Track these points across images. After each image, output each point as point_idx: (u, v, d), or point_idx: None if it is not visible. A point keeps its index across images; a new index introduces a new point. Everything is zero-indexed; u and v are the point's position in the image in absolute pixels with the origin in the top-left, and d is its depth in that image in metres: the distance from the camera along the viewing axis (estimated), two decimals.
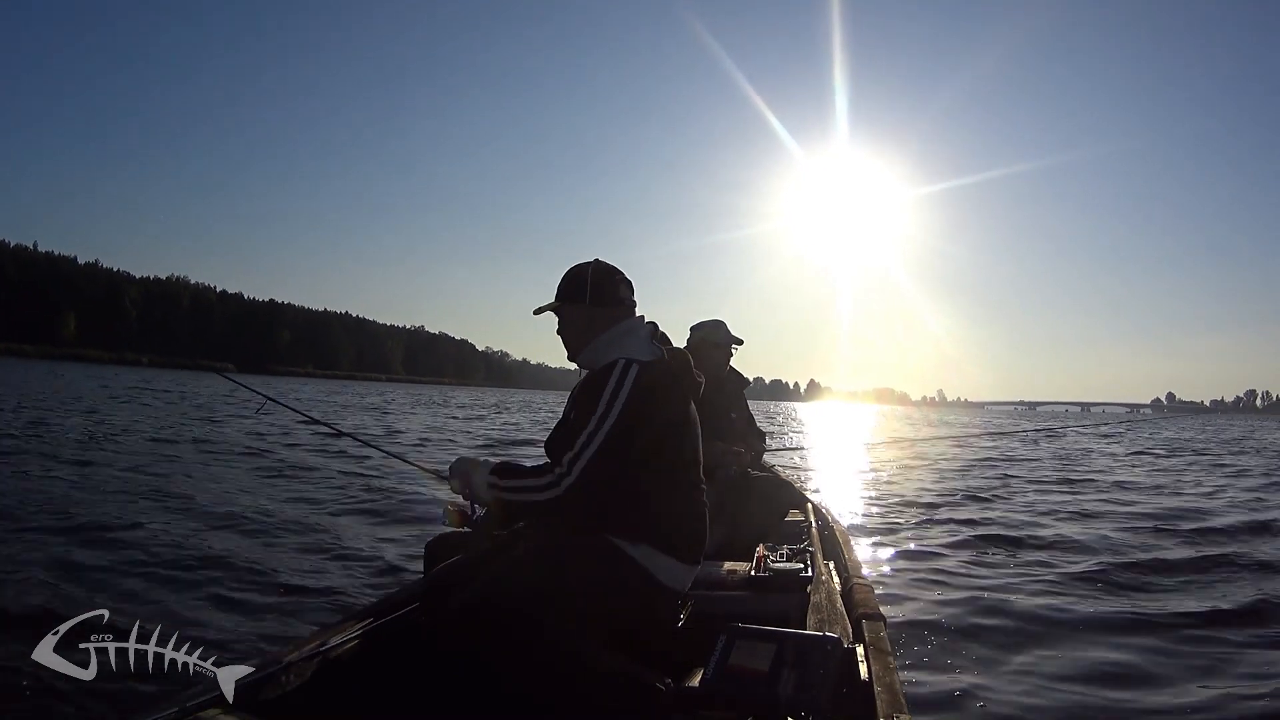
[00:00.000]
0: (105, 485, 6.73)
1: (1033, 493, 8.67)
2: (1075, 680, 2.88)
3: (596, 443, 1.75)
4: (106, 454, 9.08)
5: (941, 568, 4.63)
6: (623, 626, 1.80)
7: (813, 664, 1.57)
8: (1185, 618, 3.61)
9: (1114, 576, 4.47)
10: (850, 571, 2.48)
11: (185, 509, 5.79)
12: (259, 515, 5.71)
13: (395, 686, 1.87)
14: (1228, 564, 4.82)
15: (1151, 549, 5.31)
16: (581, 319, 2.00)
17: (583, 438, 1.76)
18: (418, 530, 5.19)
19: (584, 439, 1.76)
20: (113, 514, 5.37)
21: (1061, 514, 7.00)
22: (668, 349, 1.97)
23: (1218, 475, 11.68)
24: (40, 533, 4.62)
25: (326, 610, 3.44)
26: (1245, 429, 42.01)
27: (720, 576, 2.43)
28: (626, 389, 1.78)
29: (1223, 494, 9.06)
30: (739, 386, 3.74)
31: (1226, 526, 6.33)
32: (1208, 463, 14.21)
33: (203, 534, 4.96)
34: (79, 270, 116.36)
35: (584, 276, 2.01)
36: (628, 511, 1.80)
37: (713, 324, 3.47)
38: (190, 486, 6.99)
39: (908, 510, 7.12)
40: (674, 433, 1.89)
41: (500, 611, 1.65)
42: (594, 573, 1.76)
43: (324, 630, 1.88)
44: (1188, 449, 18.97)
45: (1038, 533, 5.92)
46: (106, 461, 8.35)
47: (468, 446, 12.79)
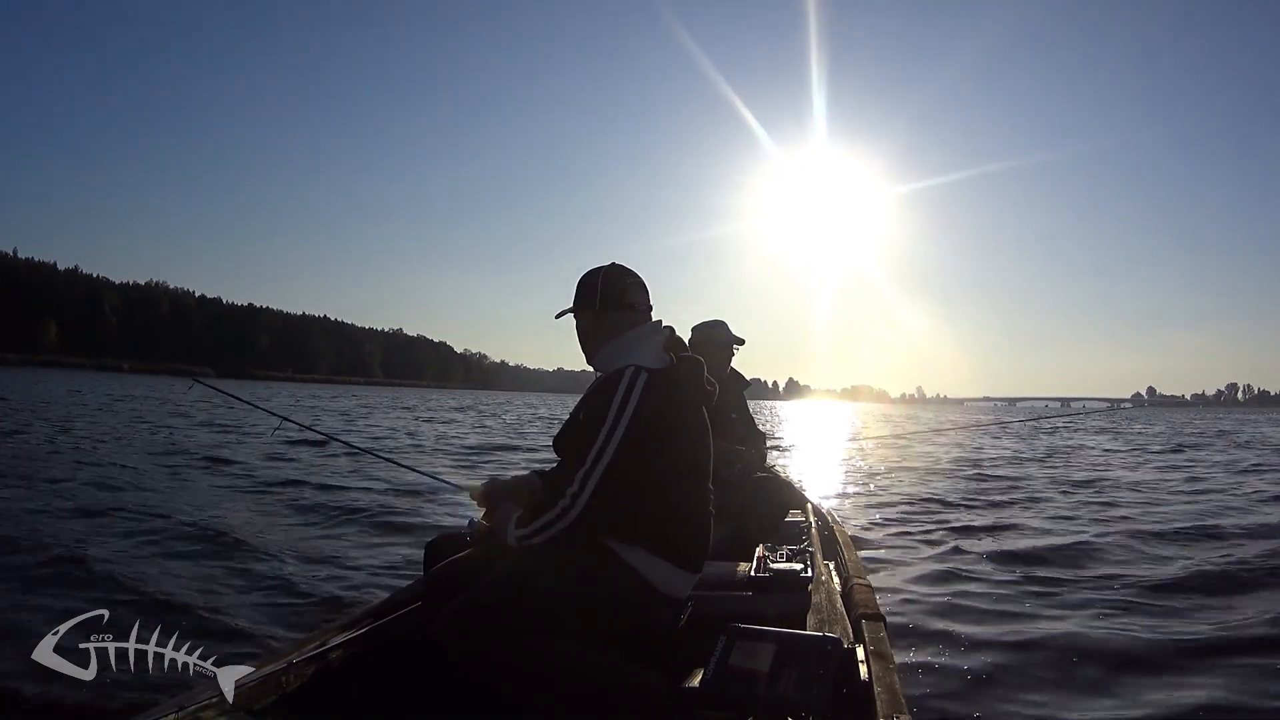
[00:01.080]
0: (105, 486, 6.74)
1: (1033, 492, 8.66)
2: (1076, 680, 2.88)
3: (607, 457, 1.75)
4: (102, 458, 9.09)
5: (942, 568, 4.63)
6: (621, 630, 1.81)
7: (813, 664, 1.57)
8: (1195, 622, 3.58)
9: (1117, 575, 4.47)
10: (850, 572, 2.48)
11: (184, 509, 5.79)
12: (258, 516, 5.71)
13: (395, 687, 1.87)
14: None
15: (1164, 553, 5.30)
16: (590, 324, 2.01)
17: (593, 452, 1.76)
18: (418, 534, 5.19)
19: (594, 453, 1.76)
20: (113, 513, 5.38)
21: (1062, 515, 6.99)
22: (680, 356, 1.96)
23: (1233, 470, 11.57)
24: (40, 533, 4.62)
25: (326, 611, 3.44)
26: (1234, 422, 41.63)
27: (720, 576, 2.43)
28: (635, 398, 1.78)
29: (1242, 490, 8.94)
30: (739, 387, 3.74)
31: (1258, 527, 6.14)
32: (1219, 458, 14.15)
33: (202, 534, 4.96)
34: (59, 277, 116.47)
35: (594, 282, 2.01)
36: (630, 518, 1.80)
37: (714, 324, 3.47)
38: (189, 486, 7.00)
39: (906, 509, 7.12)
40: (683, 441, 1.88)
41: (499, 613, 1.65)
42: (592, 578, 1.76)
43: (324, 631, 1.88)
44: (1191, 443, 18.88)
45: (1038, 531, 5.91)
46: (104, 466, 8.35)
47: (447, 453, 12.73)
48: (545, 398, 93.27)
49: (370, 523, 5.62)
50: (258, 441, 11.40)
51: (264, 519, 5.64)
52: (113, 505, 5.75)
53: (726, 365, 3.49)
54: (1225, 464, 13.05)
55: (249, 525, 5.38)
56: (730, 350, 3.50)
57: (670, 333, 2.01)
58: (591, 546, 1.79)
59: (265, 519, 5.64)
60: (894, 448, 15.36)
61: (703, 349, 3.27)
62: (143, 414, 17.94)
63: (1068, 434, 23.61)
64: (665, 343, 1.98)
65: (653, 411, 1.79)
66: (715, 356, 3.34)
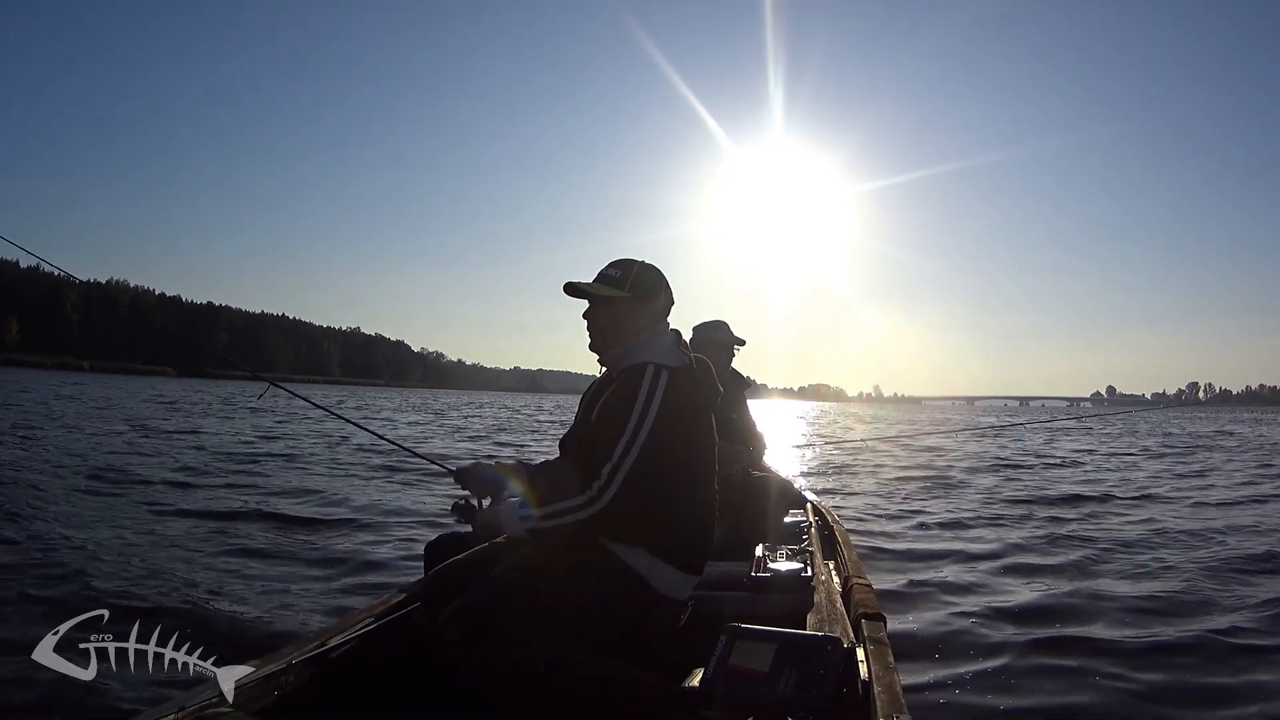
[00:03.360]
0: (102, 489, 6.74)
1: (1033, 491, 8.66)
2: (1076, 680, 2.88)
3: (635, 451, 1.74)
4: (103, 457, 9.08)
5: (942, 567, 4.63)
6: (621, 630, 1.80)
7: (813, 664, 1.57)
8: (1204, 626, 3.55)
9: (1117, 576, 4.47)
10: (850, 571, 2.48)
11: (183, 510, 5.79)
12: (257, 517, 5.71)
13: (395, 688, 1.87)
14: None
15: (1167, 551, 5.30)
16: (628, 313, 1.94)
17: (620, 446, 1.74)
18: (418, 532, 5.19)
19: (622, 448, 1.74)
20: (112, 514, 5.38)
21: (1063, 514, 6.99)
22: (695, 356, 1.96)
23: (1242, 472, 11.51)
24: (40, 533, 4.62)
25: (327, 611, 3.44)
26: (1211, 422, 41.16)
27: (720, 576, 2.43)
28: (660, 395, 1.77)
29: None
30: (740, 387, 3.74)
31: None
32: (1219, 459, 14.11)
33: (201, 535, 4.96)
34: (20, 274, 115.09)
35: (651, 275, 1.97)
36: (638, 519, 1.79)
37: (716, 324, 3.48)
38: (188, 488, 7.00)
39: (906, 509, 7.12)
40: (694, 442, 1.88)
41: (499, 614, 1.65)
42: (593, 579, 1.76)
43: (324, 631, 1.88)
44: (1178, 445, 18.77)
45: (1038, 530, 5.91)
46: (106, 464, 8.35)
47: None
48: (520, 397, 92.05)
49: (371, 522, 5.63)
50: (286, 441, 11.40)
51: (264, 518, 5.64)
52: (113, 505, 5.76)
53: (728, 365, 3.50)
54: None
55: (249, 525, 5.38)
56: (731, 351, 3.50)
57: (678, 334, 2.01)
58: (592, 547, 1.79)
59: (265, 518, 5.64)
60: (884, 449, 15.31)
61: (705, 349, 3.27)
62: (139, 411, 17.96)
63: (1044, 434, 23.59)
64: (676, 342, 1.98)
65: (673, 410, 1.78)
66: (717, 357, 3.34)
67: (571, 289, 1.96)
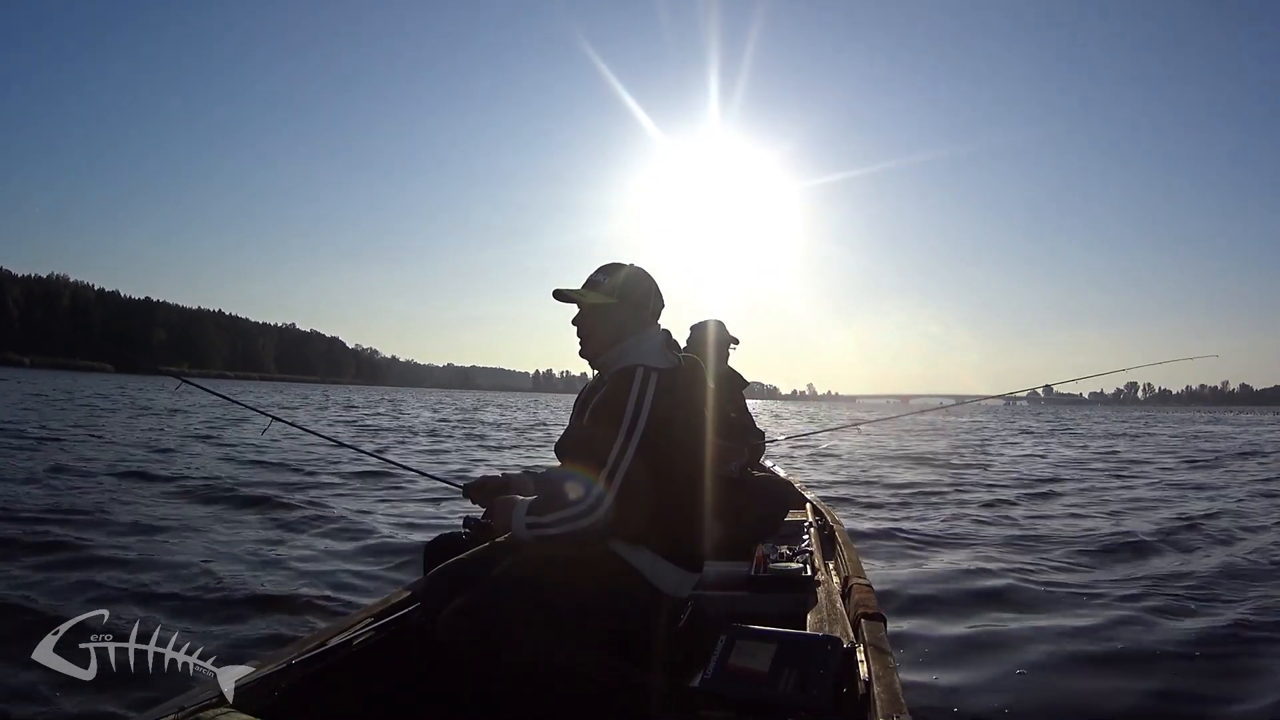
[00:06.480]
0: (101, 488, 6.74)
1: (1030, 489, 8.66)
2: (1077, 681, 2.88)
3: (629, 454, 1.74)
4: (97, 459, 9.08)
5: (942, 567, 4.63)
6: (621, 630, 1.81)
7: (813, 664, 1.57)
8: (1205, 622, 3.54)
9: (1118, 574, 4.47)
10: (850, 571, 2.48)
11: (181, 509, 5.79)
12: (256, 516, 5.71)
13: (395, 687, 1.87)
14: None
15: (1162, 546, 5.30)
16: (618, 319, 1.95)
17: (615, 450, 1.75)
18: (417, 535, 5.19)
19: (616, 451, 1.75)
20: (111, 515, 5.37)
21: (1062, 514, 6.99)
22: (683, 356, 1.97)
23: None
24: (40, 534, 4.62)
25: (327, 611, 3.44)
26: (1147, 419, 40.21)
27: (720, 576, 2.43)
28: (650, 397, 1.78)
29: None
30: (737, 386, 3.75)
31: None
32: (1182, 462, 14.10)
33: (201, 535, 4.96)
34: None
35: (639, 279, 1.98)
36: (634, 518, 1.79)
37: (710, 324, 3.48)
38: (186, 488, 6.99)
39: (904, 508, 7.12)
40: (687, 441, 1.88)
41: (499, 614, 1.65)
42: (593, 578, 1.76)
43: (324, 631, 1.88)
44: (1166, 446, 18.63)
45: (1037, 531, 5.91)
46: (98, 467, 8.35)
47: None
48: (464, 395, 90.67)
49: (367, 522, 5.62)
50: (246, 442, 11.40)
51: (263, 519, 5.63)
52: (112, 505, 5.75)
53: (723, 364, 3.50)
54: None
55: (248, 525, 5.38)
56: (727, 349, 3.51)
57: (667, 334, 2.02)
58: (594, 546, 1.79)
59: (264, 519, 5.64)
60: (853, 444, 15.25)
61: (700, 349, 3.28)
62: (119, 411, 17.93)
63: (1035, 440, 23.57)
64: (665, 343, 1.98)
65: (663, 411, 1.79)
66: (712, 356, 3.34)
67: (561, 296, 1.97)
